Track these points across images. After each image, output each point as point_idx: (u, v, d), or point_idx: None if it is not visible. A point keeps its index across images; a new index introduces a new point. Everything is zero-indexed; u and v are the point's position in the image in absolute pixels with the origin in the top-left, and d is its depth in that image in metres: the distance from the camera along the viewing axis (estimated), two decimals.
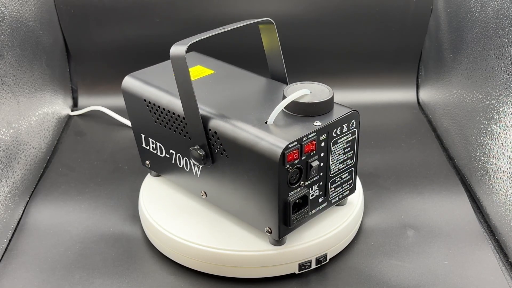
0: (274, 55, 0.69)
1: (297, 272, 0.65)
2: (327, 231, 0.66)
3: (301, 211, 0.61)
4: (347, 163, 0.64)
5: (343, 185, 0.65)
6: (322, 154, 0.61)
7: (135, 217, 0.75)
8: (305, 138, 0.58)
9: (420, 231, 0.72)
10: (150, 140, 0.71)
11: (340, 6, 0.99)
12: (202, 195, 0.68)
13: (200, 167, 0.66)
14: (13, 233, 0.72)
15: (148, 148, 0.72)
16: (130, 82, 0.71)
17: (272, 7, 0.99)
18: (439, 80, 0.95)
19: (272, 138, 0.58)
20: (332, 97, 0.62)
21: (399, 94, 1.04)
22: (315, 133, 0.59)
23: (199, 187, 0.68)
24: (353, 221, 0.69)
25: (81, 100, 1.03)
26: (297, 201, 0.61)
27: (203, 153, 0.63)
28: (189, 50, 0.61)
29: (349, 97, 1.03)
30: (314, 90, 0.62)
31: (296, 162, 0.58)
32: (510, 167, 0.68)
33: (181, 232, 0.66)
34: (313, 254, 0.65)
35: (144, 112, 0.70)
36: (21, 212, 0.76)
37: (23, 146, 0.79)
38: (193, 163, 0.66)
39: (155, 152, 0.72)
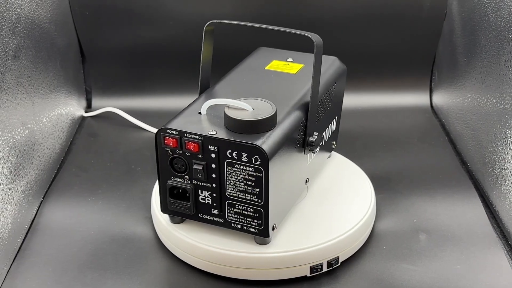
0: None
1: (308, 275, 0.65)
2: (338, 234, 0.66)
3: (182, 202, 0.64)
4: (251, 198, 0.61)
5: (247, 218, 0.63)
6: (213, 165, 0.60)
7: (147, 218, 0.75)
8: (188, 134, 0.60)
9: (433, 235, 0.72)
10: None
11: (353, 9, 0.99)
12: None
13: None
14: (27, 233, 0.73)
15: None
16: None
17: (286, 10, 0.99)
18: (453, 84, 0.94)
19: (176, 120, 0.62)
20: (250, 122, 0.59)
21: (412, 98, 1.03)
22: (201, 138, 0.59)
23: None
24: (364, 224, 0.69)
25: (95, 102, 1.03)
26: (180, 190, 0.63)
27: None
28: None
29: (362, 100, 1.03)
30: (258, 109, 0.61)
31: (176, 151, 0.61)
32: None
33: (193, 233, 0.66)
34: (324, 257, 0.65)
35: None
36: (35, 212, 0.76)
37: (37, 146, 0.79)
38: None
39: None
